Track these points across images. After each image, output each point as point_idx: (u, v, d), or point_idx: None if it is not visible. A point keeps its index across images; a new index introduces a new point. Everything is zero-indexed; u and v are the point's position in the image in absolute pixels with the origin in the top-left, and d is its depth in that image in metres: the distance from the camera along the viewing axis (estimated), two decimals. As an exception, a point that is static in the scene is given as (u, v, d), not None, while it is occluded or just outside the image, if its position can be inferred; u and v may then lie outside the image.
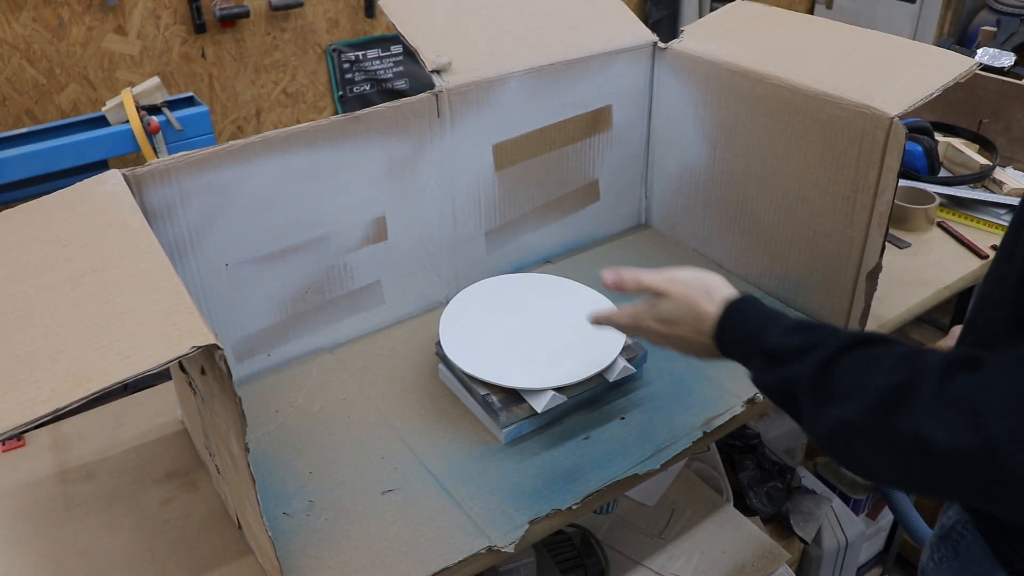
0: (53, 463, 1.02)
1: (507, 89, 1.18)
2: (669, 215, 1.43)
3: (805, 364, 0.68)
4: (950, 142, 1.66)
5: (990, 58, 1.72)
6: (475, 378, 1.02)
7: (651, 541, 1.48)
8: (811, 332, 0.71)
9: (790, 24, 1.25)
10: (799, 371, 0.68)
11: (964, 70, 1.06)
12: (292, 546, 0.88)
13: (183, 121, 2.10)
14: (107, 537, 0.92)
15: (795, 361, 0.70)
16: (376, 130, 1.08)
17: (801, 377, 0.68)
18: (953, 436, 0.56)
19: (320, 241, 1.10)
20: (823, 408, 0.65)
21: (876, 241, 1.08)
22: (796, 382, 0.69)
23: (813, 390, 0.67)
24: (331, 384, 1.11)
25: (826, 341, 0.68)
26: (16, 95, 2.27)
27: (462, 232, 1.24)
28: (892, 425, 0.60)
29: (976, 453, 0.56)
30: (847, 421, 0.63)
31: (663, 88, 1.33)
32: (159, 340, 0.66)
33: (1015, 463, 0.54)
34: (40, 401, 0.61)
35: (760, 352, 0.74)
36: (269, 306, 1.10)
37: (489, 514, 0.91)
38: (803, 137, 1.12)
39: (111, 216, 0.82)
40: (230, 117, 2.67)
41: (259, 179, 1.01)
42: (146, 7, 2.37)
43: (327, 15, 2.70)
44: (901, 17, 3.53)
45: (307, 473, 0.97)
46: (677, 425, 1.03)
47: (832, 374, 0.66)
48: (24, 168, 1.95)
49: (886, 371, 0.62)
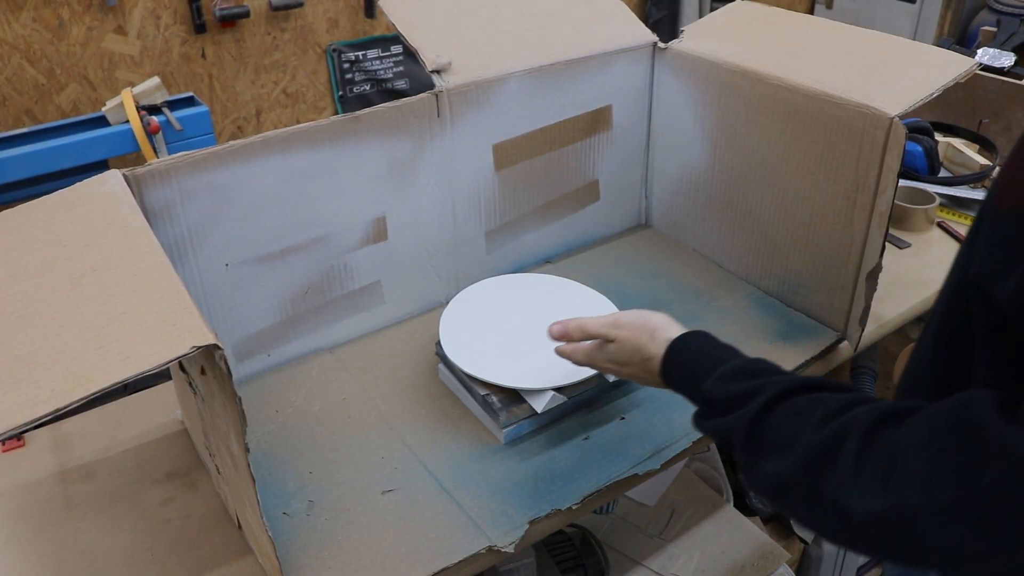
0: (53, 463, 1.02)
1: (507, 89, 1.18)
2: (669, 215, 1.43)
3: (738, 417, 0.67)
4: (950, 142, 1.66)
5: (990, 58, 1.72)
6: (475, 378, 1.02)
7: (651, 541, 1.48)
8: (747, 378, 0.70)
9: (790, 24, 1.25)
10: (733, 423, 0.68)
11: (964, 70, 1.06)
12: (292, 546, 0.88)
13: (183, 121, 2.10)
14: (107, 537, 0.92)
15: (729, 412, 0.69)
16: (376, 130, 1.08)
17: (735, 429, 0.67)
18: (868, 501, 0.55)
19: (320, 241, 1.10)
20: (757, 462, 0.65)
21: (876, 241, 1.08)
22: (731, 432, 0.68)
23: (746, 443, 0.66)
24: (331, 384, 1.11)
25: (760, 390, 0.67)
26: (16, 95, 2.27)
27: (462, 232, 1.24)
28: (818, 486, 0.58)
29: (888, 519, 0.54)
30: (779, 477, 0.62)
31: (663, 88, 1.33)
32: (159, 340, 0.66)
33: (927, 530, 0.52)
34: (40, 401, 0.61)
35: (700, 398, 0.75)
36: (269, 306, 1.10)
37: (489, 514, 0.91)
38: (803, 137, 1.13)
39: (111, 216, 0.82)
40: (230, 117, 2.67)
41: (259, 179, 1.01)
42: (146, 7, 2.37)
43: (327, 15, 2.70)
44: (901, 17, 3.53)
45: (307, 473, 0.97)
46: (677, 425, 1.03)
47: (764, 427, 0.65)
48: (24, 168, 1.95)
49: (815, 425, 0.61)
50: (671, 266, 1.36)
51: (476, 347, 1.06)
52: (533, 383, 1.01)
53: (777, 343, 1.17)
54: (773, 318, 1.22)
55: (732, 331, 1.20)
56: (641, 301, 1.26)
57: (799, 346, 1.16)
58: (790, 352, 1.15)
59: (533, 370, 1.03)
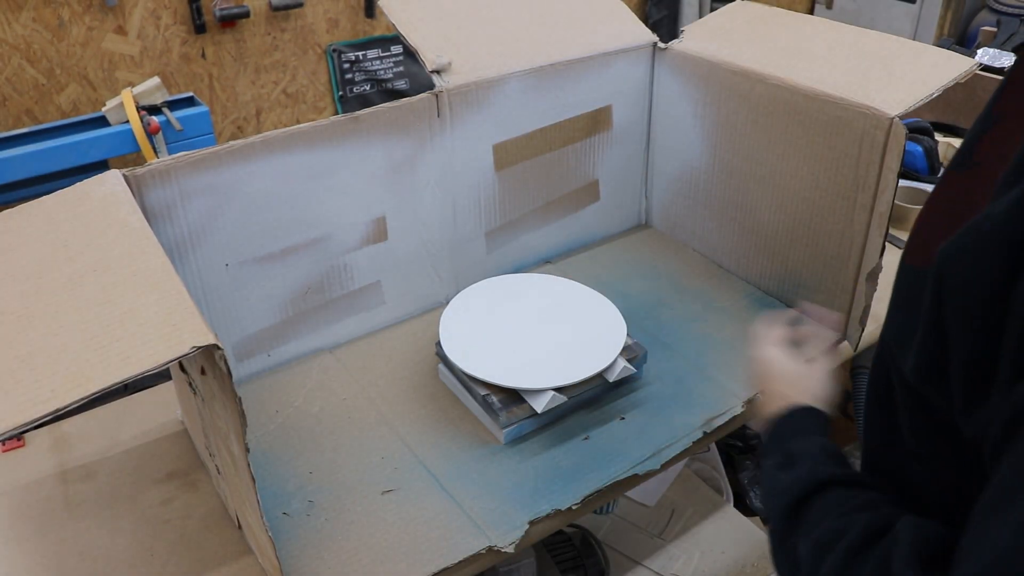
0: (53, 463, 1.02)
1: (507, 89, 1.18)
2: (669, 215, 1.43)
3: (774, 507, 0.65)
4: (950, 142, 1.66)
5: (990, 58, 1.72)
6: (475, 378, 1.02)
7: (651, 541, 1.48)
8: (788, 470, 0.68)
9: (790, 24, 1.25)
10: (773, 516, 0.66)
11: (964, 70, 1.06)
12: (292, 546, 0.88)
13: (183, 121, 2.10)
14: (107, 537, 0.92)
15: (771, 501, 0.67)
16: (376, 130, 1.08)
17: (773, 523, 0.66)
18: None
19: (320, 241, 1.10)
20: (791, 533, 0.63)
21: (876, 241, 1.08)
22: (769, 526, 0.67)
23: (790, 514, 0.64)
24: (331, 384, 1.11)
25: (788, 490, 0.64)
26: (16, 95, 2.27)
27: (462, 232, 1.24)
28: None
29: None
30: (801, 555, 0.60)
31: (663, 88, 1.33)
32: (159, 340, 0.66)
33: None
34: (40, 401, 0.61)
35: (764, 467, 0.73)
36: (269, 306, 1.10)
37: (489, 514, 0.91)
38: (803, 137, 1.13)
39: (111, 216, 0.82)
40: (230, 117, 2.67)
41: (259, 179, 1.01)
42: (146, 7, 2.37)
43: (327, 15, 2.70)
44: (901, 17, 3.53)
45: (307, 473, 0.97)
46: (677, 425, 1.03)
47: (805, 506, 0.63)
48: (24, 168, 1.95)
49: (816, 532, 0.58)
50: (671, 266, 1.36)
51: (476, 347, 1.06)
52: (533, 383, 1.01)
53: (777, 343, 1.17)
54: (773, 318, 1.22)
55: (732, 331, 1.20)
56: (641, 301, 1.26)
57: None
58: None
59: (533, 370, 1.03)
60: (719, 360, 1.14)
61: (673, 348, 1.17)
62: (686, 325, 1.22)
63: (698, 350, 1.16)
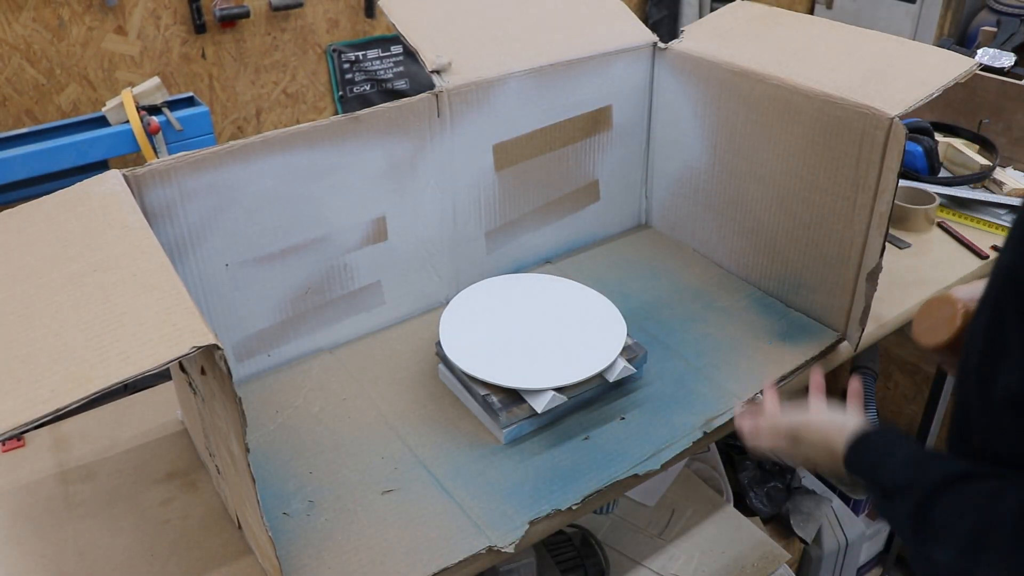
0: (53, 463, 1.02)
1: (507, 89, 1.18)
2: (669, 215, 1.43)
3: (899, 510, 0.72)
4: (950, 142, 1.66)
5: (990, 58, 1.72)
6: (475, 378, 1.02)
7: (651, 541, 1.48)
8: (912, 469, 0.73)
9: (790, 24, 1.25)
10: (898, 516, 0.72)
11: (964, 70, 1.06)
12: (292, 546, 0.88)
13: (183, 121, 2.10)
14: (107, 537, 0.92)
15: (892, 503, 0.73)
16: (376, 130, 1.08)
17: (901, 521, 0.72)
18: None
19: (320, 241, 1.10)
20: (923, 548, 0.69)
21: (876, 241, 1.08)
22: (898, 524, 0.73)
23: (912, 535, 0.71)
24: (331, 384, 1.11)
25: (920, 480, 0.71)
26: (16, 95, 2.27)
27: (462, 232, 1.24)
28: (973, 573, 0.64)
29: None
30: (939, 566, 0.68)
31: (663, 88, 1.33)
32: (159, 340, 0.66)
33: None
34: (40, 401, 0.61)
35: (878, 490, 0.76)
36: (269, 306, 1.10)
37: (489, 514, 0.91)
38: (803, 137, 1.13)
39: (111, 216, 0.82)
40: (230, 117, 2.67)
41: (259, 179, 1.01)
42: (146, 7, 2.37)
43: (327, 15, 2.70)
44: (901, 17, 3.53)
45: (307, 473, 0.97)
46: (677, 425, 1.03)
47: (927, 518, 0.69)
48: (24, 168, 1.95)
49: (969, 519, 0.65)
50: (671, 266, 1.36)
51: (476, 347, 1.06)
52: (533, 383, 1.01)
53: (777, 343, 1.17)
54: (773, 318, 1.22)
55: (732, 331, 1.20)
56: (641, 301, 1.26)
57: (799, 346, 1.16)
58: (790, 352, 1.15)
59: (533, 370, 1.03)
60: (719, 360, 1.14)
61: (673, 348, 1.17)
62: (686, 325, 1.22)
63: (698, 350, 1.16)
